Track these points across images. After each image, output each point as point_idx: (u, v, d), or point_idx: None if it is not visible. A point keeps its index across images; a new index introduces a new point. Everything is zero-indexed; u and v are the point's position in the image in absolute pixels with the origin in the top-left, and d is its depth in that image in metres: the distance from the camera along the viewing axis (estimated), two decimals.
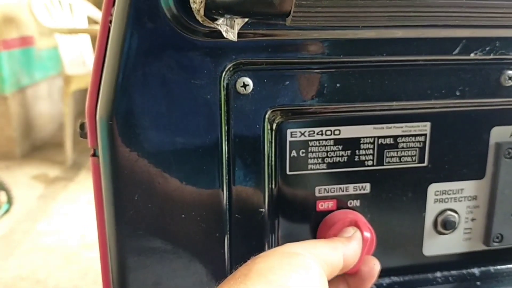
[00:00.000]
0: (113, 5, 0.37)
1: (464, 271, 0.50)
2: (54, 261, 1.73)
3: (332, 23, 0.30)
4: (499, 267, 0.50)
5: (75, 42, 2.61)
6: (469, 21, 0.31)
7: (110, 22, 0.38)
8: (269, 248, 0.43)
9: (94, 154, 0.40)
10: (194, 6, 0.32)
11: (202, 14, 0.32)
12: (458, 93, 0.42)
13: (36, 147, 2.90)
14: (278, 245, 0.43)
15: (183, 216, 0.40)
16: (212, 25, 0.33)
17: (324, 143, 0.43)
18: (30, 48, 2.86)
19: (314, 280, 0.33)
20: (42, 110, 3.04)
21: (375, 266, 0.41)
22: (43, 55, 2.99)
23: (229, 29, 0.33)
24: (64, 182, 2.42)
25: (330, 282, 0.42)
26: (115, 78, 0.37)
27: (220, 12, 0.32)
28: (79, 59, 2.60)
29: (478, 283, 0.49)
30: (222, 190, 0.40)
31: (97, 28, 0.41)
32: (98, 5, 2.78)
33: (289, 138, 0.42)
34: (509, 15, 0.31)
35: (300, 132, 0.42)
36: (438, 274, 0.49)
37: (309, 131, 0.42)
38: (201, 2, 0.31)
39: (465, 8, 0.29)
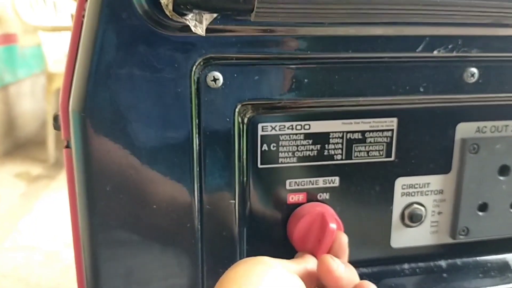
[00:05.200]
0: (86, 0, 0.38)
1: (431, 263, 0.51)
2: (36, 259, 1.72)
3: (294, 19, 0.32)
4: (465, 259, 0.52)
5: (59, 39, 2.59)
6: (427, 18, 0.33)
7: (83, 17, 0.38)
8: (240, 239, 0.44)
9: (67, 146, 0.41)
10: (163, 1, 0.33)
11: (171, 9, 0.33)
12: (421, 90, 0.43)
13: (19, 145, 2.88)
14: (248, 236, 0.45)
15: (154, 207, 0.41)
16: (181, 20, 0.34)
17: (295, 137, 0.44)
18: (13, 45, 2.84)
19: (285, 277, 0.36)
20: (25, 108, 3.02)
21: (343, 239, 0.43)
22: (26, 53, 2.97)
23: (198, 24, 0.34)
24: (47, 180, 2.41)
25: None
26: (88, 72, 0.38)
27: (188, 7, 0.33)
28: (63, 57, 2.59)
29: (445, 275, 0.51)
30: (193, 181, 0.41)
31: None
32: None
33: (260, 132, 0.43)
34: (465, 13, 0.33)
35: (271, 126, 0.43)
36: (406, 266, 0.50)
37: (280, 126, 0.43)
38: None
39: (422, 6, 0.30)
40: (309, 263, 0.41)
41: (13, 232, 1.91)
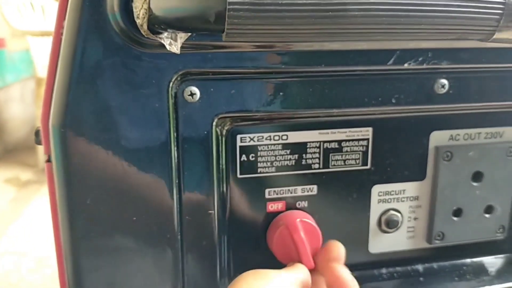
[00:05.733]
0: (64, 18, 0.39)
1: (409, 268, 0.52)
2: (26, 265, 1.72)
3: (264, 39, 0.33)
4: (441, 263, 0.53)
5: (47, 44, 2.59)
6: (392, 36, 0.34)
7: (62, 34, 0.39)
8: (220, 249, 0.45)
9: (49, 160, 0.42)
10: (138, 21, 0.34)
11: (145, 28, 0.34)
12: (394, 101, 0.45)
13: (8, 150, 2.87)
14: (229, 245, 0.46)
15: (134, 219, 0.42)
16: (156, 39, 0.35)
17: (273, 147, 0.45)
18: (2, 50, 2.83)
19: (288, 279, 0.37)
20: (14, 113, 3.01)
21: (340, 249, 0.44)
22: (15, 58, 2.96)
23: (173, 42, 0.35)
24: (36, 185, 2.41)
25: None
26: (67, 87, 0.39)
27: (162, 27, 0.34)
28: None
29: (422, 279, 0.52)
30: (172, 193, 0.42)
31: None
32: None
33: (239, 143, 0.44)
34: (430, 31, 0.34)
35: (250, 137, 0.44)
36: (384, 270, 0.52)
37: (258, 136, 0.45)
38: (144, 17, 0.33)
39: (387, 25, 0.32)
40: (301, 270, 0.41)
41: (3, 238, 1.91)
